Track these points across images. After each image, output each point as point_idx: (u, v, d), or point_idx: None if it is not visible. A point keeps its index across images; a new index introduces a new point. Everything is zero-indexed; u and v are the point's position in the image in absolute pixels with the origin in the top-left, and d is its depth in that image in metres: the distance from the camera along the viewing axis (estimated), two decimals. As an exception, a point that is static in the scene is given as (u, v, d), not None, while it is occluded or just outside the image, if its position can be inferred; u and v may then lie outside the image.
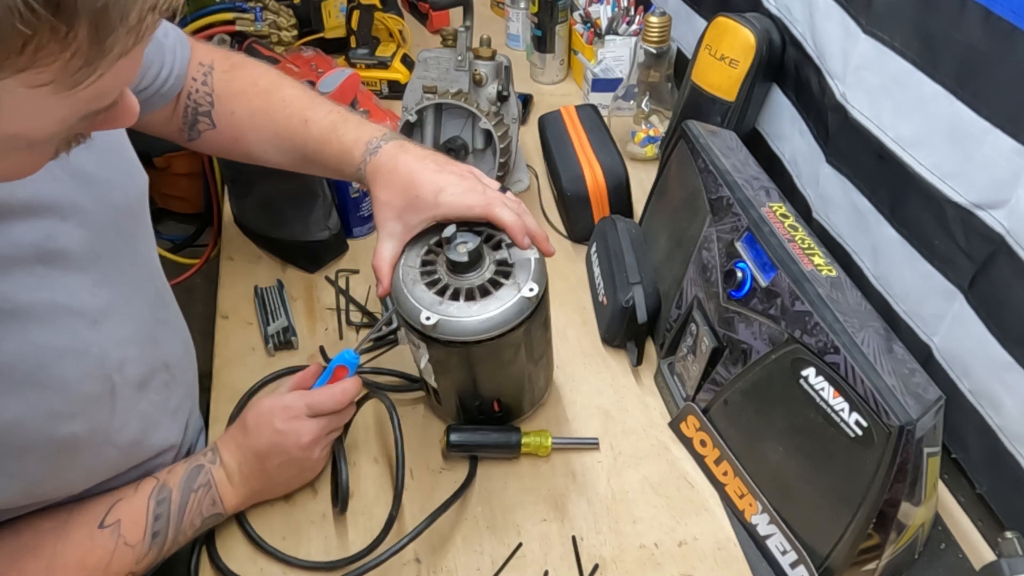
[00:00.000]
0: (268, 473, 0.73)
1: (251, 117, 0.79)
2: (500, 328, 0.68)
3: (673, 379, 0.88)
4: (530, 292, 0.69)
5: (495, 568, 0.73)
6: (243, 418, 0.74)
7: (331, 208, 1.03)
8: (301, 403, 0.73)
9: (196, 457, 0.72)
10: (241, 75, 0.80)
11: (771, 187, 0.83)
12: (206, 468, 0.71)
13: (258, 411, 0.73)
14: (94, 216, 0.60)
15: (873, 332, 0.66)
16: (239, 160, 0.84)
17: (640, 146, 1.24)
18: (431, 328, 0.68)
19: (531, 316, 0.70)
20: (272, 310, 0.96)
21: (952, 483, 0.77)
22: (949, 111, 0.69)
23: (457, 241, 0.70)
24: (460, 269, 0.70)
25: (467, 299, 0.69)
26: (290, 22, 1.35)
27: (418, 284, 0.70)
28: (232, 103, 0.79)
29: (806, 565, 0.70)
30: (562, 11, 1.36)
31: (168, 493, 0.68)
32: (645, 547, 0.75)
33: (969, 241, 0.69)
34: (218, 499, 0.71)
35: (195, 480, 0.70)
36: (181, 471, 0.70)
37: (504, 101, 1.04)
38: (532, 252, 0.72)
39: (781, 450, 0.72)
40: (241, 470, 0.72)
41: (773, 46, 0.98)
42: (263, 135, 0.79)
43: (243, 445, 0.72)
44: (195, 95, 0.78)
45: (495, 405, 0.81)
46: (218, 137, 0.80)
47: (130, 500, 0.67)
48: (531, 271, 0.71)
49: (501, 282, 0.70)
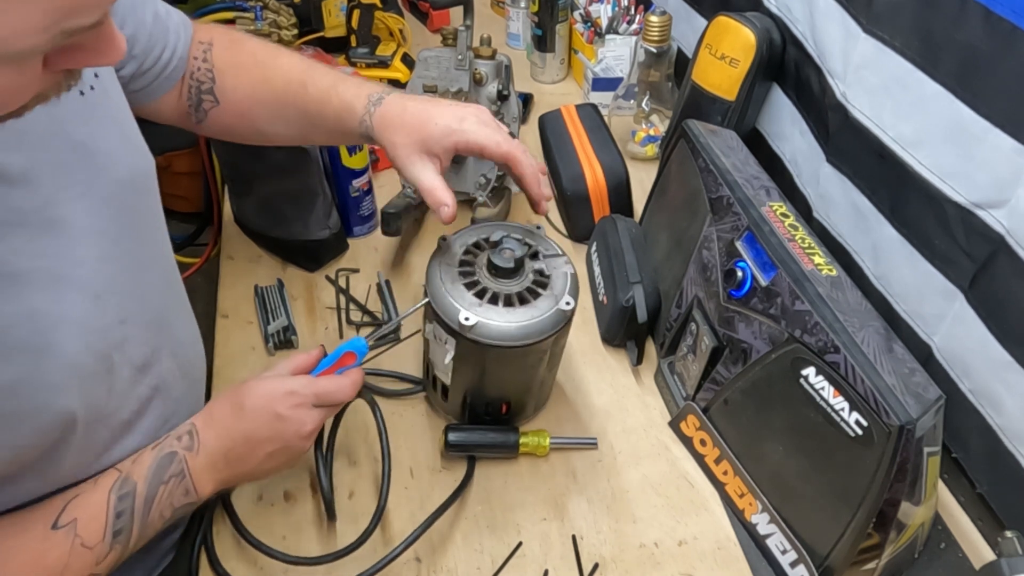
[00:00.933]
0: (257, 459, 0.67)
1: (253, 89, 0.78)
2: (536, 337, 0.70)
3: (673, 378, 0.88)
4: (567, 306, 0.72)
5: (495, 567, 0.73)
6: (236, 400, 0.67)
7: (331, 207, 1.03)
8: (309, 391, 0.67)
9: (167, 442, 0.65)
10: (240, 49, 0.80)
11: (771, 186, 0.83)
12: (179, 456, 0.64)
13: (257, 394, 0.67)
14: (96, 188, 0.60)
15: (873, 332, 0.66)
16: (248, 141, 0.82)
17: (640, 145, 1.24)
18: (468, 329, 0.69)
19: (564, 327, 0.72)
20: (272, 309, 0.96)
21: (952, 483, 0.77)
22: (949, 111, 0.69)
23: (504, 247, 0.73)
24: (503, 274, 0.72)
25: (506, 304, 0.71)
26: (290, 21, 1.35)
27: (457, 284, 0.72)
28: (233, 78, 0.78)
29: (806, 564, 0.70)
30: (562, 10, 1.36)
31: (132, 487, 0.62)
32: (645, 546, 0.75)
33: (969, 241, 0.69)
34: (192, 488, 0.65)
35: (166, 470, 0.63)
36: (148, 460, 0.64)
37: (504, 100, 1.04)
38: (568, 267, 0.75)
39: (781, 450, 0.72)
40: (228, 456, 0.66)
41: (773, 45, 0.98)
42: (266, 107, 0.78)
43: (234, 428, 0.66)
44: (197, 73, 0.78)
45: (503, 408, 0.81)
46: (223, 114, 0.79)
47: (88, 496, 0.61)
48: (567, 285, 0.73)
49: (539, 292, 0.73)
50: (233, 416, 0.67)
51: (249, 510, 0.77)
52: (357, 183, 1.05)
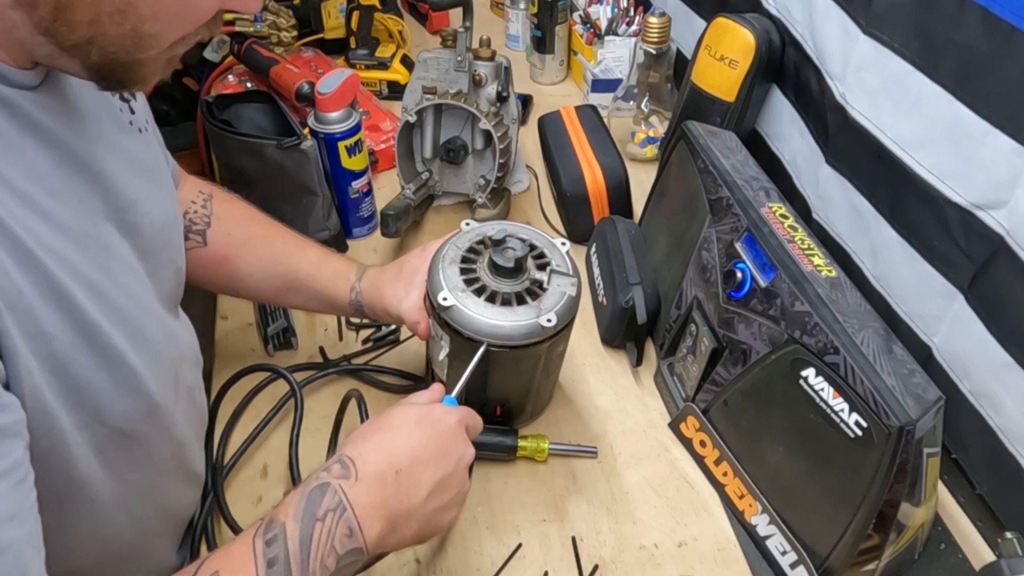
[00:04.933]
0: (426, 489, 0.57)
1: (247, 240, 0.82)
2: (504, 340, 0.70)
3: (673, 380, 0.88)
4: (547, 323, 0.71)
5: (495, 569, 0.73)
6: (390, 422, 0.60)
7: (331, 208, 1.03)
8: (462, 412, 0.64)
9: (311, 478, 0.55)
10: (240, 205, 0.85)
11: (771, 187, 0.83)
12: (333, 486, 0.54)
13: (410, 414, 0.60)
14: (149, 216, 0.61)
15: (873, 332, 0.66)
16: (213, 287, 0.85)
17: (640, 147, 1.24)
18: (444, 310, 0.70)
19: (543, 342, 0.72)
20: (272, 311, 0.96)
21: (952, 483, 0.77)
22: (949, 111, 0.69)
23: (507, 246, 0.73)
24: (502, 273, 0.73)
25: (488, 299, 0.71)
26: (290, 23, 1.35)
27: (454, 268, 0.73)
28: (231, 225, 0.82)
29: (806, 565, 0.70)
30: (562, 12, 1.36)
31: (280, 529, 0.52)
32: (645, 548, 0.75)
33: (969, 241, 0.70)
34: (356, 527, 0.53)
35: (318, 504, 0.53)
36: (294, 498, 0.54)
37: (504, 102, 1.04)
38: (571, 288, 0.74)
39: (781, 450, 0.72)
40: (396, 481, 0.56)
41: (773, 47, 0.98)
42: (255, 256, 0.82)
43: (399, 447, 0.58)
44: (192, 215, 0.80)
45: (498, 409, 0.81)
46: (204, 255, 0.80)
47: (228, 548, 0.52)
48: (559, 303, 0.72)
49: (526, 300, 0.72)
50: (392, 436, 0.59)
51: (249, 511, 0.77)
52: (357, 184, 1.05)
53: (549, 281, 0.74)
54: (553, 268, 0.75)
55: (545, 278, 0.74)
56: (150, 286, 0.60)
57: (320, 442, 0.81)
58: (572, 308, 0.74)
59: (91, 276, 0.50)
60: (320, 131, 1.00)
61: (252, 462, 0.82)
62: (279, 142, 0.97)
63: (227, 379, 0.86)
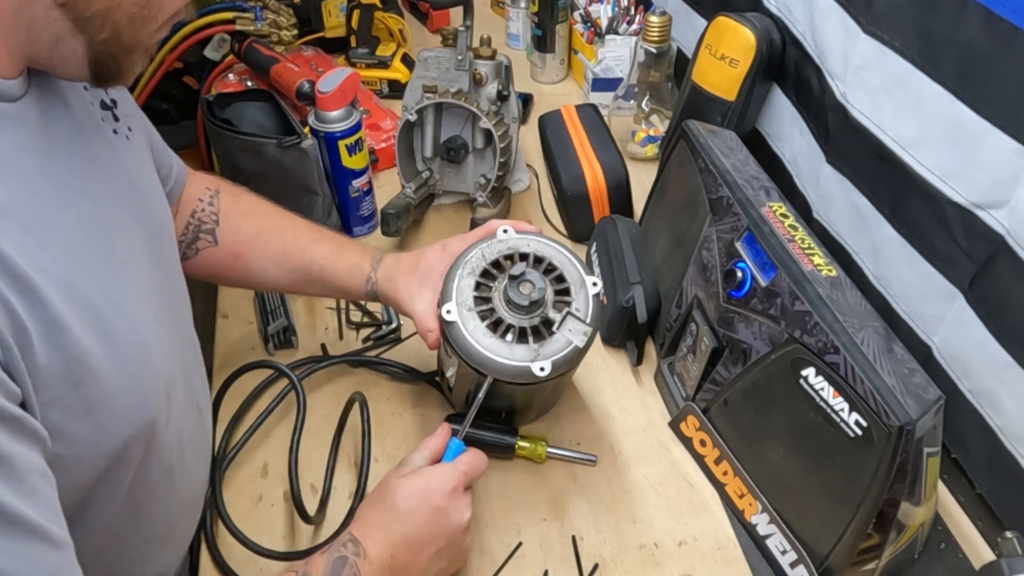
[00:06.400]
0: (422, 563, 0.64)
1: (258, 234, 0.81)
2: (495, 372, 0.69)
3: (673, 379, 0.88)
4: (540, 372, 0.68)
5: (495, 567, 0.73)
6: (387, 503, 0.65)
7: (331, 207, 1.03)
8: (458, 472, 0.66)
9: (333, 547, 0.62)
10: (248, 198, 0.84)
11: (771, 187, 0.83)
12: (351, 561, 0.61)
13: (407, 493, 0.64)
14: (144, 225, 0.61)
15: (873, 332, 0.66)
16: (231, 283, 0.85)
17: (640, 146, 1.24)
18: (446, 323, 0.69)
19: (538, 385, 0.70)
20: (272, 310, 0.96)
21: (952, 483, 0.78)
22: (949, 111, 0.69)
23: (525, 278, 0.70)
24: (512, 306, 0.70)
25: (492, 326, 0.70)
26: (290, 21, 1.35)
27: (468, 281, 0.71)
28: (239, 221, 0.81)
29: (806, 565, 0.70)
30: (562, 11, 1.36)
31: None
32: (645, 547, 0.75)
33: (969, 241, 0.69)
34: None
35: (340, 571, 0.60)
36: (322, 561, 0.61)
37: (504, 101, 1.04)
38: (579, 338, 0.69)
39: (781, 450, 0.72)
40: (392, 564, 0.62)
41: (773, 46, 0.98)
42: (268, 251, 0.81)
43: (393, 533, 0.63)
44: (200, 214, 0.80)
45: (502, 414, 0.81)
46: (217, 254, 0.80)
47: None
48: (562, 351, 0.69)
49: (527, 340, 0.69)
50: (391, 520, 0.64)
51: (248, 510, 0.77)
52: (357, 183, 1.05)
53: (560, 325, 0.70)
54: (571, 311, 0.70)
55: (558, 319, 0.70)
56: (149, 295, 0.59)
57: (321, 441, 0.81)
58: (575, 359, 0.70)
59: (90, 297, 0.50)
60: (320, 130, 1.00)
61: (252, 461, 0.82)
62: (279, 141, 0.97)
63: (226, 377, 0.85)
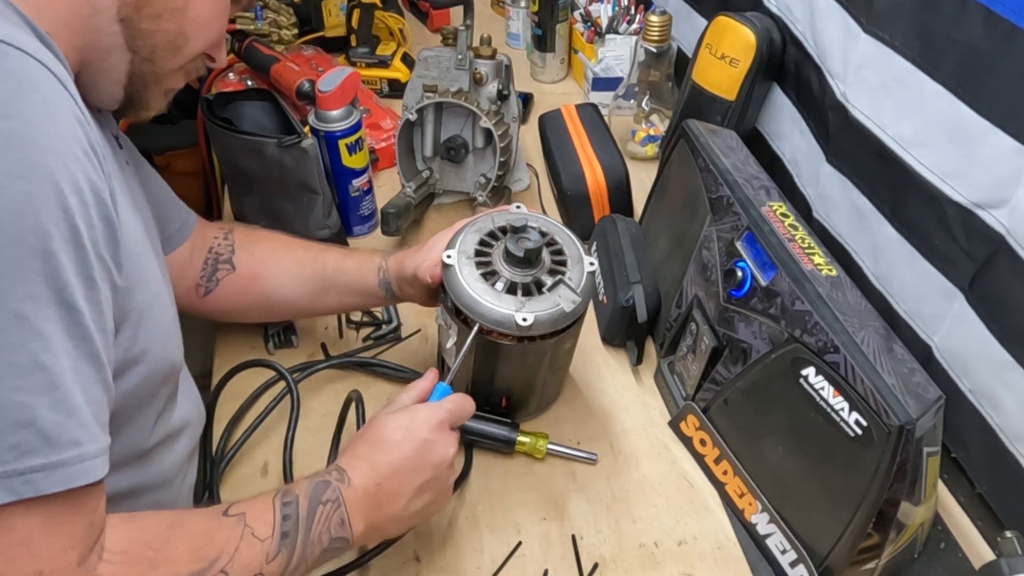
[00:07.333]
0: (407, 495, 0.65)
1: (272, 253, 0.86)
2: (494, 326, 0.70)
3: (673, 378, 0.88)
4: (524, 321, 0.69)
5: (495, 567, 0.73)
6: (374, 436, 0.66)
7: (331, 207, 1.03)
8: (445, 410, 0.68)
9: (317, 475, 0.64)
10: (261, 230, 0.90)
11: (771, 186, 0.83)
12: (333, 485, 0.63)
13: (394, 426, 0.66)
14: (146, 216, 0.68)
15: (873, 332, 0.66)
16: (250, 312, 0.89)
17: (640, 145, 1.24)
18: (445, 269, 0.72)
19: (563, 331, 0.72)
20: (272, 309, 0.96)
21: (952, 483, 0.77)
22: (949, 111, 0.69)
23: (525, 235, 0.73)
24: (512, 261, 0.72)
25: (488, 277, 0.72)
26: (290, 20, 1.35)
27: (471, 235, 0.75)
28: (253, 246, 0.86)
29: (806, 564, 0.70)
30: (563, 10, 1.36)
31: (294, 498, 0.61)
32: (645, 546, 0.75)
33: (969, 241, 0.69)
34: (347, 520, 0.62)
35: (322, 493, 0.62)
36: (305, 482, 0.63)
37: (504, 100, 1.04)
38: (566, 304, 0.72)
39: (781, 449, 0.72)
40: (377, 493, 0.64)
41: (773, 45, 0.98)
42: (282, 266, 0.85)
43: (379, 463, 0.64)
44: (216, 248, 0.85)
45: (503, 401, 0.81)
46: (235, 280, 0.84)
47: (251, 500, 0.60)
48: (546, 309, 0.71)
49: (516, 293, 0.72)
50: (376, 451, 0.65)
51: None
52: (357, 183, 1.05)
53: (552, 288, 0.72)
54: (564, 280, 0.73)
55: (549, 283, 0.73)
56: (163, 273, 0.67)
57: (320, 441, 0.81)
58: (558, 320, 0.72)
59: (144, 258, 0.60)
60: (321, 129, 1.00)
61: (252, 460, 0.82)
62: (280, 140, 0.97)
63: (223, 375, 0.85)
